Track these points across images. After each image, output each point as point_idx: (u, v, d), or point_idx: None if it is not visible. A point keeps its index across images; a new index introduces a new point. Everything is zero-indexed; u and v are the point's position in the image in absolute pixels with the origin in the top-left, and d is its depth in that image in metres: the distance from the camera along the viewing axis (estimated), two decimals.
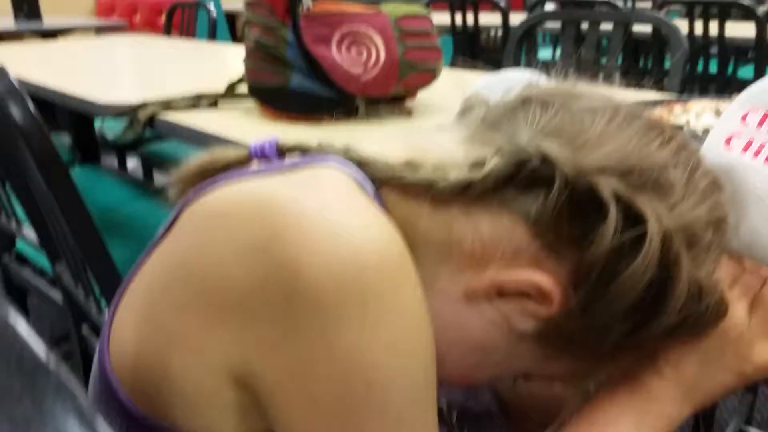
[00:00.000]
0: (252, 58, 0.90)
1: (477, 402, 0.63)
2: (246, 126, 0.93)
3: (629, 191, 0.36)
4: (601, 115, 0.39)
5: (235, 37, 4.39)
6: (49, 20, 3.22)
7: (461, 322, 0.41)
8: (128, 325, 0.38)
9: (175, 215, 0.39)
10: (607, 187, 0.36)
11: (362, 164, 0.39)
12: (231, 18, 4.30)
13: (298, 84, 0.87)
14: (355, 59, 0.84)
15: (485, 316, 0.40)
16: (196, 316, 0.34)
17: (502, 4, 2.70)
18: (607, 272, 0.36)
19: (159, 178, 2.21)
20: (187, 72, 1.52)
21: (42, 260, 1.18)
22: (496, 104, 0.43)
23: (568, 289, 0.38)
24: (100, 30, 3.28)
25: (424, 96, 0.98)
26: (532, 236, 0.38)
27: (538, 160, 0.37)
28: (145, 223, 1.33)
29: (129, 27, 3.54)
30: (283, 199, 0.35)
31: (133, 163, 2.54)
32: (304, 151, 0.41)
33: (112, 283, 0.84)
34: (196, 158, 0.43)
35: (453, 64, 2.73)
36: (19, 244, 1.28)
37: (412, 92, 0.94)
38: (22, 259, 1.29)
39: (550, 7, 2.91)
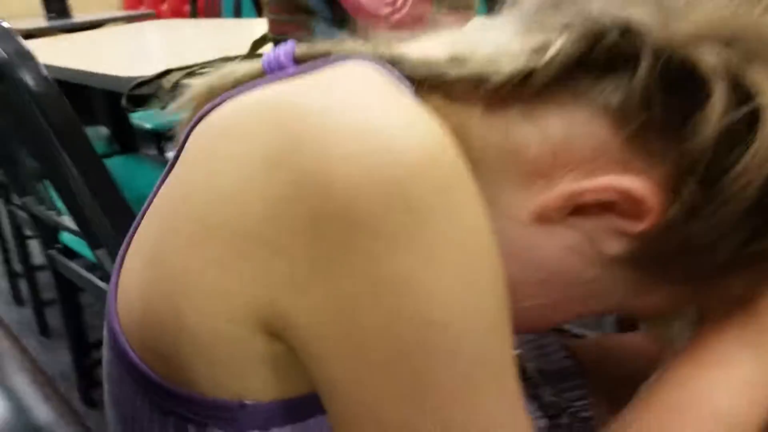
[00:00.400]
0: (273, 10, 0.85)
1: (548, 359, 0.57)
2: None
3: (737, 62, 0.28)
4: None
5: (261, 13, 4.34)
6: (78, 16, 3.24)
7: (532, 250, 0.33)
8: (135, 274, 0.33)
9: (181, 143, 0.34)
10: (710, 57, 0.28)
11: (396, 62, 0.32)
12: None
13: (323, 32, 0.81)
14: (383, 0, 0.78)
15: (562, 240, 0.33)
16: (208, 251, 0.28)
17: None
18: (716, 165, 0.29)
19: None
20: (212, 47, 1.49)
21: (85, 249, 1.17)
22: None
23: (666, 193, 0.30)
24: (128, 21, 3.28)
25: None
26: (615, 131, 0.30)
27: (618, 31, 0.29)
28: None
29: (156, 16, 3.54)
30: (301, 100, 0.28)
31: (171, 153, 2.55)
32: (326, 56, 0.34)
33: None
34: (203, 79, 0.37)
35: None
36: (66, 238, 1.27)
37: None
38: (69, 253, 1.28)
39: None
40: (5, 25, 0.64)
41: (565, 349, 0.57)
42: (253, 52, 0.97)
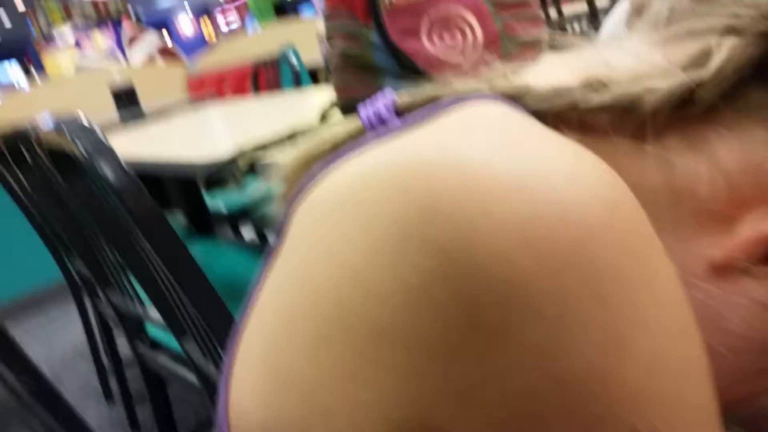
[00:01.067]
0: (339, 73, 0.82)
1: None
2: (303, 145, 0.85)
3: None
4: None
5: (317, 83, 4.46)
6: (146, 105, 3.41)
7: (714, 311, 0.26)
8: (249, 387, 0.26)
9: (280, 228, 0.28)
10: None
11: (520, 96, 0.26)
12: (313, 73, 4.38)
13: (393, 88, 0.78)
14: (451, 46, 0.74)
15: (751, 295, 0.25)
16: (337, 362, 0.21)
17: None
18: None
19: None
20: (277, 120, 1.49)
21: (171, 341, 1.15)
22: None
23: None
24: (194, 104, 3.42)
25: None
26: None
27: None
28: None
29: (219, 97, 3.68)
30: (426, 155, 0.21)
31: (247, 232, 2.58)
32: (434, 100, 0.28)
33: None
34: (295, 149, 0.32)
35: None
36: (151, 330, 1.26)
37: None
38: (155, 346, 1.27)
39: None
40: (84, 121, 0.63)
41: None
42: (323, 120, 0.94)
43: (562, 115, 0.26)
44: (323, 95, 1.72)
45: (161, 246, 0.64)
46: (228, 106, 2.12)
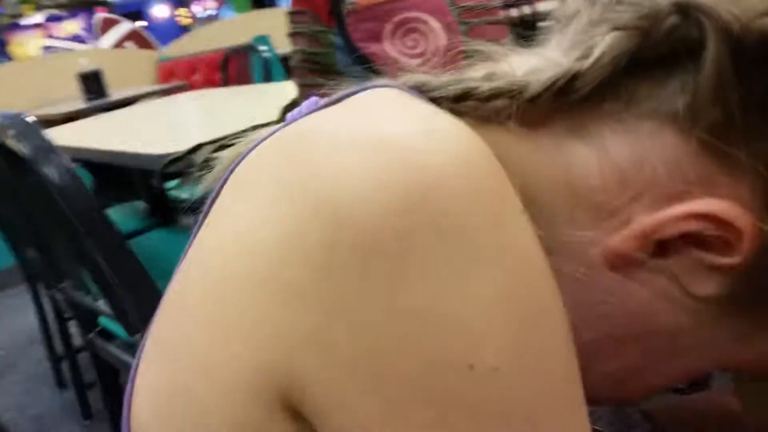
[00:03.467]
0: (301, 74, 0.81)
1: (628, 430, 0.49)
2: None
3: None
4: None
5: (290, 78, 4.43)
6: (115, 94, 3.34)
7: (607, 302, 0.27)
8: (144, 365, 0.28)
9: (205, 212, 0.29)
10: None
11: (421, 88, 0.27)
12: (286, 61, 4.35)
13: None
14: (412, 49, 0.73)
15: (643, 286, 0.26)
16: (218, 321, 0.23)
17: None
18: None
19: None
20: (242, 113, 1.48)
21: (121, 331, 1.13)
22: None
23: (759, 210, 0.24)
24: (162, 94, 3.36)
25: None
26: (687, 141, 0.24)
27: (676, 13, 0.24)
28: None
29: (190, 87, 3.63)
30: (312, 126, 0.25)
31: None
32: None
33: None
34: (233, 149, 0.33)
35: None
36: (104, 321, 1.24)
37: None
38: (108, 336, 1.25)
39: None
40: (29, 119, 0.62)
41: (646, 417, 0.49)
42: (284, 115, 0.94)
43: (464, 99, 0.27)
44: (288, 91, 1.71)
45: (104, 247, 0.63)
46: (195, 97, 2.09)
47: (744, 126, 0.24)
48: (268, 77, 2.32)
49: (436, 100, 0.27)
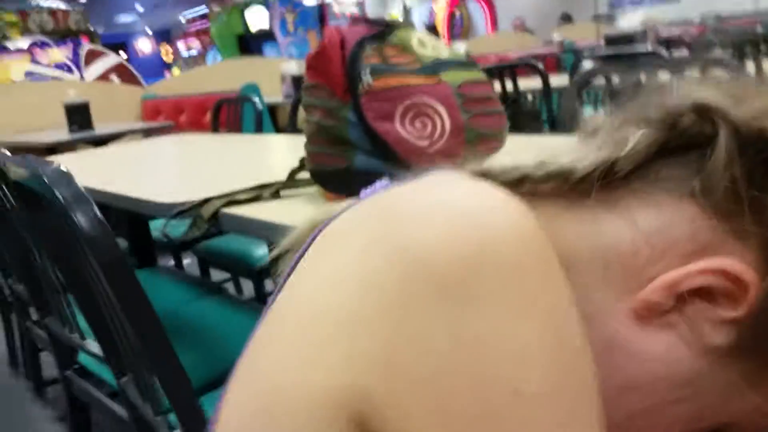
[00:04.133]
0: (314, 142, 0.87)
1: None
2: (311, 213, 0.89)
3: None
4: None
5: (278, 128, 4.51)
6: (99, 128, 3.35)
7: (635, 352, 0.32)
8: (231, 396, 0.31)
9: (288, 273, 0.33)
10: None
11: (482, 174, 0.34)
12: (272, 110, 4.43)
13: (363, 163, 0.83)
14: (420, 131, 0.80)
15: (666, 337, 0.32)
16: (294, 352, 0.28)
17: (540, 66, 2.69)
18: None
19: (216, 275, 2.20)
20: (240, 165, 1.52)
21: (104, 372, 1.14)
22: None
23: (763, 268, 0.30)
24: (148, 132, 3.39)
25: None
26: (702, 213, 0.31)
27: (694, 111, 0.31)
28: (207, 323, 1.29)
29: (175, 127, 3.66)
30: (392, 194, 0.30)
31: (187, 261, 2.56)
32: None
33: (182, 394, 0.79)
34: (304, 222, 0.39)
35: None
36: (81, 356, 1.25)
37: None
38: (83, 372, 1.26)
39: (588, 65, 2.89)
40: (64, 168, 0.66)
41: None
42: (291, 178, 0.99)
43: (517, 185, 0.33)
44: (283, 143, 1.77)
45: (125, 298, 0.66)
46: (188, 142, 2.13)
47: (748, 200, 0.30)
48: (259, 127, 2.38)
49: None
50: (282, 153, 1.66)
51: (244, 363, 0.32)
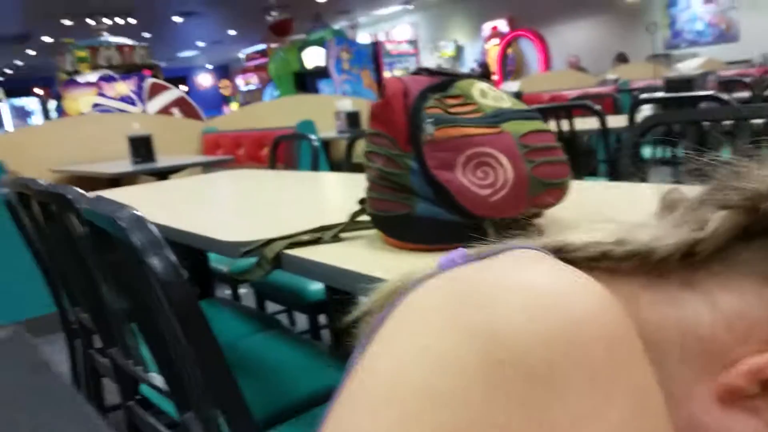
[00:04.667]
0: (375, 188, 0.89)
1: None
2: (370, 257, 0.90)
3: None
4: None
5: (331, 161, 4.59)
6: (161, 160, 3.48)
7: None
8: None
9: (370, 333, 0.35)
10: None
11: (559, 249, 0.34)
12: (326, 144, 4.52)
13: (424, 211, 0.84)
14: (482, 181, 0.81)
15: (748, 423, 0.31)
16: (388, 414, 0.28)
17: (598, 108, 2.68)
18: None
19: (270, 306, 2.24)
20: (299, 202, 1.55)
21: (165, 404, 1.17)
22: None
23: None
24: (207, 166, 3.50)
25: (550, 212, 0.93)
26: None
27: None
28: (265, 357, 1.31)
29: (234, 161, 3.77)
30: (471, 271, 0.31)
31: (243, 290, 2.61)
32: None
33: (246, 430, 0.80)
34: (384, 286, 0.40)
35: None
36: (143, 387, 1.28)
37: (540, 211, 0.90)
38: (145, 402, 1.29)
39: (647, 108, 2.85)
40: (137, 213, 0.69)
41: None
42: (352, 221, 1.01)
43: (596, 260, 0.34)
44: (339, 181, 1.80)
45: (194, 338, 0.68)
46: (250, 176, 2.19)
47: None
48: (315, 163, 2.43)
49: (572, 259, 0.34)
50: (339, 191, 1.69)
51: (329, 426, 0.33)
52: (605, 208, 1.14)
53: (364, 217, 1.02)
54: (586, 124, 2.89)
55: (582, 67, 10.29)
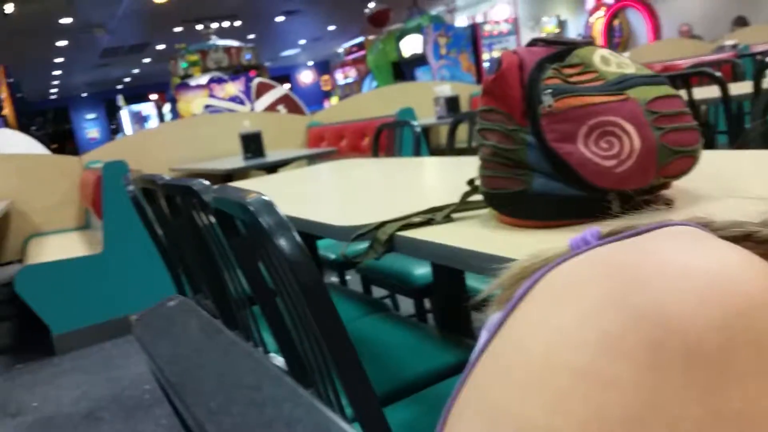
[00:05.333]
0: (489, 166, 0.86)
1: None
2: (485, 236, 0.88)
3: None
4: None
5: (430, 149, 4.58)
6: (270, 155, 3.61)
7: None
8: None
9: (500, 320, 0.33)
10: None
11: (706, 224, 0.32)
12: (425, 131, 4.52)
13: (541, 186, 0.81)
14: (607, 152, 0.76)
15: None
16: (542, 405, 0.27)
17: (718, 75, 2.49)
18: None
19: (377, 292, 2.26)
20: (407, 187, 1.55)
21: None
22: None
23: None
24: (313, 158, 3.59)
25: (677, 183, 0.87)
26: None
27: None
28: (376, 339, 1.32)
29: (338, 153, 3.84)
30: (627, 251, 0.29)
31: (348, 277, 2.65)
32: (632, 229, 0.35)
33: (368, 405, 0.81)
34: (513, 266, 0.38)
35: None
36: None
37: (669, 181, 0.84)
38: None
39: None
40: (266, 198, 0.71)
41: None
42: (463, 201, 0.99)
43: (738, 242, 0.31)
44: (443, 165, 1.78)
45: (321, 317, 0.69)
46: (356, 165, 2.22)
47: None
48: (417, 149, 2.43)
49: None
50: (445, 174, 1.67)
51: (475, 399, 0.32)
52: (735, 180, 1.05)
53: (477, 198, 0.99)
54: (703, 93, 2.70)
55: (696, 35, 9.63)
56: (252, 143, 3.62)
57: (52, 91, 19.25)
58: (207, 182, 1.02)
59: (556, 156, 0.78)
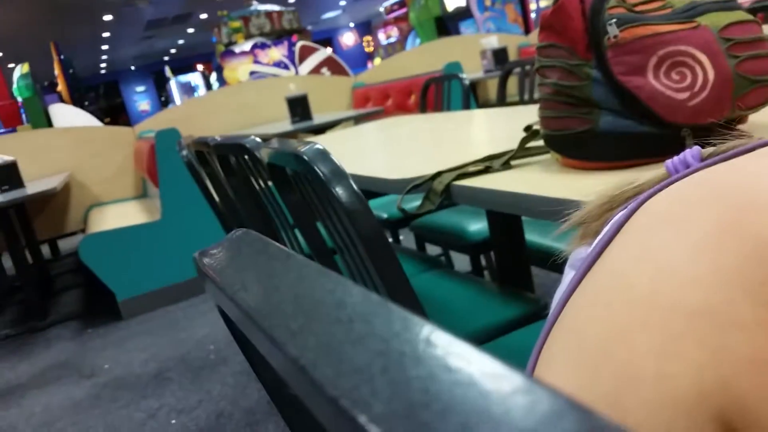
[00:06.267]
0: (550, 106, 0.82)
1: None
2: (547, 181, 0.85)
3: None
4: None
5: (478, 103, 4.48)
6: (317, 117, 3.60)
7: None
8: (559, 369, 0.30)
9: (594, 254, 0.31)
10: None
11: None
12: (472, 86, 4.42)
13: (609, 124, 0.77)
14: (679, 84, 0.72)
15: None
16: (648, 342, 0.25)
17: None
18: None
19: (431, 250, 2.25)
20: (461, 140, 1.52)
21: None
22: None
23: None
24: (359, 119, 3.56)
25: (754, 117, 0.81)
26: None
27: None
28: (434, 294, 1.32)
29: (384, 112, 3.81)
30: (737, 174, 0.27)
31: (402, 237, 2.65)
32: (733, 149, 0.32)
33: None
34: (599, 194, 0.36)
35: None
36: None
37: (746, 114, 0.78)
38: None
39: None
40: (320, 147, 0.69)
41: None
42: (522, 146, 0.95)
43: None
44: (498, 117, 1.73)
45: (382, 264, 0.68)
46: (404, 122, 2.19)
47: None
48: (466, 103, 2.37)
49: None
50: (498, 125, 1.62)
51: (560, 345, 0.30)
52: None
53: (536, 143, 0.96)
54: None
55: None
56: (298, 107, 3.61)
57: (102, 66, 19.67)
58: (258, 139, 1.02)
59: (624, 90, 0.74)
